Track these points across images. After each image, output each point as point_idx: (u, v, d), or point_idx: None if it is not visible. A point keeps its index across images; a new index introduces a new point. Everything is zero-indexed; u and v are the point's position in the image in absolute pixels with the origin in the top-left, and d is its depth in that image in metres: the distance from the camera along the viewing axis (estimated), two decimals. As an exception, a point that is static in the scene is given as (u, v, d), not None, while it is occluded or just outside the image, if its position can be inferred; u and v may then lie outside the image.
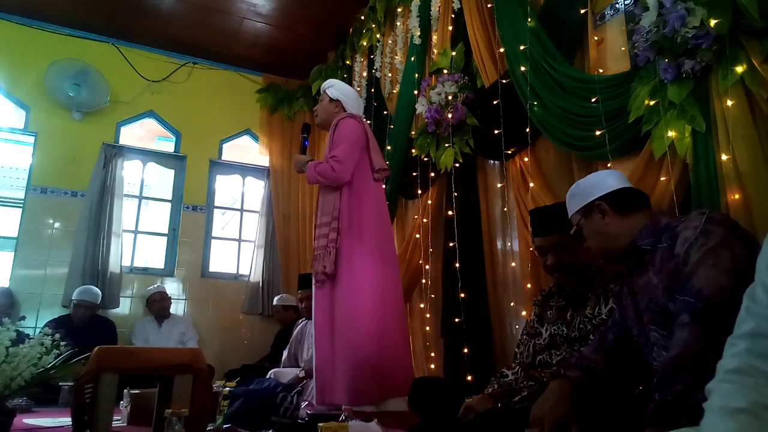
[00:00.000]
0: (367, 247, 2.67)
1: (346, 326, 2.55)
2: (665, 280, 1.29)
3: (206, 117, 5.43)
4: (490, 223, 3.03)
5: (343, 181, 2.68)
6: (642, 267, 1.40)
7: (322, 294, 2.67)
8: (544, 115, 2.46)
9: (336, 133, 2.75)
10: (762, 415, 0.75)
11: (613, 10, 2.38)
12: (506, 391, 1.84)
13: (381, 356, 2.53)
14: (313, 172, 2.71)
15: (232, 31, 5.04)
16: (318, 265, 2.65)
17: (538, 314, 1.93)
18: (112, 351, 2.11)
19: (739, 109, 1.71)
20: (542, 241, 1.83)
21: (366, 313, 2.56)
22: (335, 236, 2.63)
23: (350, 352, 2.50)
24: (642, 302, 1.39)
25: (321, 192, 2.80)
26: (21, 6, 4.70)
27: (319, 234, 2.70)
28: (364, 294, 2.59)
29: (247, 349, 5.07)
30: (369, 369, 2.46)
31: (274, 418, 2.57)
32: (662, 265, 1.31)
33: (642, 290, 1.40)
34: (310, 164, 2.74)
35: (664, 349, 1.30)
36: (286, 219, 5.46)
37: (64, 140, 4.82)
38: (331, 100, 2.93)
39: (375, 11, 4.39)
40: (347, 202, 2.69)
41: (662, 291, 1.30)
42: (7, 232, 4.89)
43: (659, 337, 1.32)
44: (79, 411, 1.91)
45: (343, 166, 2.66)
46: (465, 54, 3.22)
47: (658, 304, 1.32)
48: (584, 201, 1.50)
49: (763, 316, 0.81)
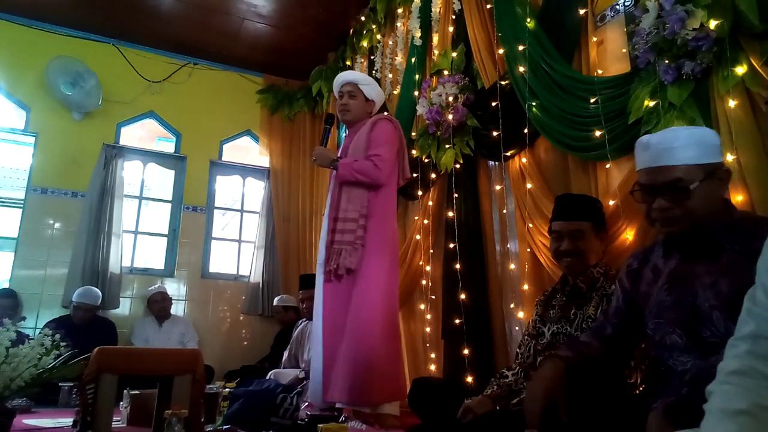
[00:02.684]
0: (388, 248, 2.69)
1: (363, 325, 2.51)
2: (724, 286, 1.20)
3: (206, 117, 5.44)
4: (490, 224, 3.03)
5: (381, 181, 2.68)
6: (697, 257, 1.29)
7: (335, 289, 2.61)
8: (543, 115, 2.46)
9: (375, 133, 2.73)
10: (762, 417, 0.75)
11: (613, 12, 2.38)
12: (505, 392, 1.85)
13: (390, 357, 2.53)
14: (350, 170, 2.63)
15: (233, 31, 5.04)
16: (340, 259, 2.57)
17: (540, 314, 1.93)
18: (112, 352, 2.11)
19: (741, 111, 1.71)
20: (562, 225, 1.86)
21: (383, 314, 2.57)
22: (362, 233, 2.61)
23: (363, 351, 2.46)
24: (673, 293, 1.31)
25: (344, 186, 2.70)
26: (21, 6, 4.70)
27: (343, 228, 2.62)
28: (381, 295, 2.60)
29: (246, 349, 5.07)
30: (377, 369, 2.44)
31: (273, 419, 2.58)
32: (727, 270, 1.22)
33: (680, 280, 1.31)
34: (346, 162, 2.67)
35: (683, 354, 1.26)
36: (286, 220, 5.46)
37: (65, 141, 4.82)
38: (367, 100, 2.91)
39: (375, 12, 4.39)
40: (374, 201, 2.68)
41: (712, 295, 1.22)
42: (7, 232, 4.90)
43: (681, 342, 1.27)
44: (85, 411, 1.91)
45: (385, 166, 2.67)
46: (465, 55, 3.22)
47: (694, 303, 1.25)
48: (712, 158, 1.27)
49: (764, 318, 0.81)
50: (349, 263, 2.56)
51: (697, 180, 1.24)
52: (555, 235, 1.89)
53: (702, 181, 1.24)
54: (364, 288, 2.56)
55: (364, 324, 2.51)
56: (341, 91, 2.89)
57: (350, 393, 2.41)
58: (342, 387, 2.43)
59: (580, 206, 1.87)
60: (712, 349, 1.19)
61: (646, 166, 1.31)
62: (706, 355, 1.20)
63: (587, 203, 1.91)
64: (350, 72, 3.06)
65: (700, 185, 1.24)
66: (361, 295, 2.55)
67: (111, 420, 1.98)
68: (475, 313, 2.85)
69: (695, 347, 1.25)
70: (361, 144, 2.73)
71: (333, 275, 2.61)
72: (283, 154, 5.61)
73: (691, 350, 1.25)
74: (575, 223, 1.83)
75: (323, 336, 2.59)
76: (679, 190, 1.25)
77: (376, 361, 2.45)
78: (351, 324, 2.52)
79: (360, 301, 2.55)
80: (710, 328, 1.22)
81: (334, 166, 2.69)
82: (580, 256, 1.81)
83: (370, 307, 2.54)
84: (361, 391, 2.41)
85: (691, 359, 1.25)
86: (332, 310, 2.60)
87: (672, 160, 1.25)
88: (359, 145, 2.73)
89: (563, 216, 1.87)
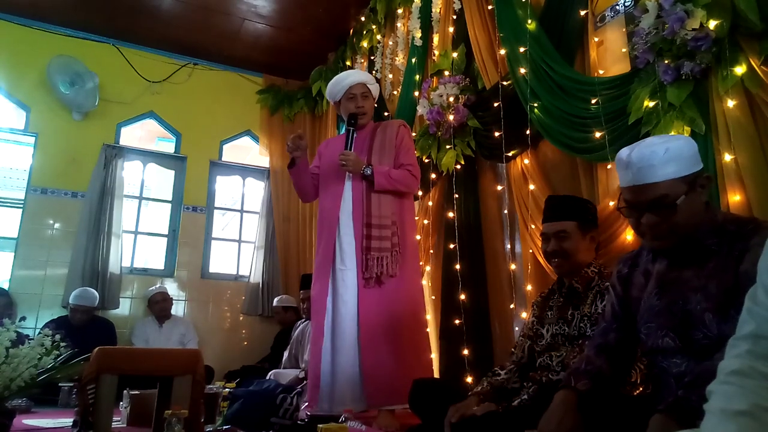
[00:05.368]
0: (416, 252, 2.81)
1: (408, 328, 2.59)
2: (713, 289, 1.22)
3: (206, 118, 5.44)
4: (491, 224, 3.03)
5: (416, 190, 2.75)
6: (685, 263, 1.31)
7: (374, 294, 2.59)
8: (545, 116, 2.46)
9: (403, 142, 2.75)
10: (762, 417, 0.75)
11: (613, 12, 2.38)
12: (495, 390, 1.85)
13: (428, 354, 2.69)
14: (388, 179, 2.62)
15: (233, 32, 5.04)
16: (384, 267, 2.57)
17: (537, 316, 1.93)
18: (111, 352, 2.11)
19: (739, 111, 1.71)
20: (548, 226, 1.88)
21: (422, 314, 2.70)
22: (397, 240, 2.63)
23: (410, 352, 2.56)
24: (664, 298, 1.32)
25: (373, 192, 2.64)
26: (22, 6, 4.70)
27: (380, 235, 2.60)
28: (420, 296, 2.73)
29: (246, 350, 5.07)
30: (426, 366, 2.59)
31: (273, 419, 2.57)
32: (715, 273, 1.23)
33: (670, 285, 1.32)
34: (382, 171, 2.63)
35: (676, 356, 1.28)
36: (286, 220, 5.46)
37: (65, 141, 4.82)
38: (374, 101, 2.91)
39: (375, 12, 4.39)
40: (401, 207, 2.71)
41: (703, 298, 1.23)
42: (7, 232, 4.89)
43: (673, 346, 1.28)
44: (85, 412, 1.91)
45: (419, 175, 2.75)
46: (466, 55, 3.22)
47: (685, 308, 1.26)
48: (692, 168, 1.27)
49: (764, 318, 0.81)
50: (392, 270, 2.58)
51: (681, 194, 1.25)
52: (543, 237, 1.92)
53: (687, 194, 1.25)
54: (405, 290, 2.63)
55: (413, 325, 2.61)
56: (353, 93, 2.77)
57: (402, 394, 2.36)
58: (400, 390, 2.35)
59: (564, 207, 1.88)
60: (705, 351, 1.21)
61: (628, 185, 1.31)
62: (700, 358, 1.22)
63: (571, 203, 1.92)
64: (357, 72, 2.99)
65: (686, 198, 1.25)
66: (403, 298, 2.61)
67: (111, 420, 1.97)
68: (475, 313, 2.85)
69: (688, 350, 1.26)
70: (387, 150, 2.72)
71: (375, 281, 2.59)
72: (283, 154, 5.60)
73: (684, 353, 1.27)
74: (559, 224, 1.85)
75: (361, 341, 2.55)
76: (665, 207, 1.26)
77: (425, 359, 2.60)
78: (398, 326, 2.55)
79: (403, 304, 2.61)
80: (702, 330, 1.23)
81: (367, 173, 2.62)
82: (566, 256, 1.82)
83: (413, 309, 2.63)
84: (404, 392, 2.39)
85: (684, 361, 1.26)
86: (372, 315, 2.57)
87: (654, 177, 1.26)
88: (387, 151, 2.71)
89: (549, 217, 1.90)
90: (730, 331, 1.00)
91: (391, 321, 2.55)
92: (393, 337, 2.53)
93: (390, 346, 2.52)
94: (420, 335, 2.67)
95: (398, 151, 2.72)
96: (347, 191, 2.71)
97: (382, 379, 2.48)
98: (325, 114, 5.33)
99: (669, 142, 1.27)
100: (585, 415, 1.32)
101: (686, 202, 1.25)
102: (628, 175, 1.30)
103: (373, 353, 2.52)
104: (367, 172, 2.62)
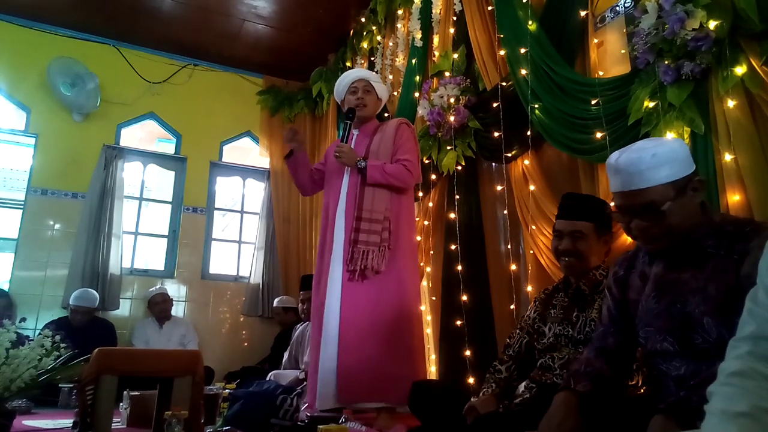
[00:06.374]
0: (411, 249, 2.76)
1: (391, 327, 2.52)
2: (713, 291, 1.21)
3: (207, 119, 5.44)
4: (491, 225, 3.03)
5: (412, 185, 2.72)
6: (683, 265, 1.30)
7: (358, 289, 2.55)
8: (545, 117, 2.46)
9: (403, 138, 2.74)
10: (763, 418, 0.75)
11: (613, 13, 2.38)
12: (502, 388, 1.86)
13: (418, 354, 2.62)
14: (382, 173, 2.61)
15: (233, 33, 5.05)
16: (368, 261, 2.53)
17: (540, 312, 1.92)
18: (111, 353, 2.11)
19: (740, 111, 1.71)
20: (564, 224, 1.83)
21: (413, 313, 2.63)
22: (387, 236, 2.60)
23: (390, 352, 2.48)
24: (662, 301, 1.32)
25: (367, 186, 2.65)
26: (22, 7, 4.70)
27: (369, 228, 2.58)
28: (409, 295, 2.65)
29: (247, 351, 5.07)
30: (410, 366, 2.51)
31: (273, 420, 2.58)
32: (714, 274, 1.23)
33: (667, 287, 1.32)
34: (375, 164, 2.62)
35: (675, 359, 1.27)
36: (286, 221, 5.46)
37: (65, 142, 4.82)
38: (378, 98, 2.90)
39: (376, 13, 4.39)
40: (397, 203, 2.69)
41: (702, 301, 1.22)
42: (8, 233, 4.89)
43: (672, 350, 1.28)
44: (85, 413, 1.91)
45: (415, 171, 2.71)
46: (466, 56, 3.22)
47: (683, 310, 1.25)
48: (683, 172, 1.26)
49: (765, 319, 0.81)
50: (377, 265, 2.54)
51: (668, 200, 1.24)
52: (556, 234, 1.87)
53: (675, 200, 1.24)
54: (394, 289, 2.57)
55: (398, 325, 2.53)
56: (355, 86, 2.81)
57: (395, 392, 2.38)
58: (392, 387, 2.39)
59: (583, 207, 1.84)
60: (704, 354, 1.21)
61: (618, 190, 1.31)
62: (699, 361, 1.22)
63: (591, 204, 1.87)
64: (361, 69, 3.05)
65: (673, 204, 1.24)
66: (390, 297, 2.56)
67: (111, 421, 1.97)
68: (477, 314, 2.84)
69: (687, 353, 1.25)
70: (387, 146, 2.71)
71: (358, 275, 2.55)
72: (283, 155, 5.59)
73: (683, 356, 1.26)
74: (576, 223, 1.81)
75: (340, 336, 2.50)
76: (652, 212, 1.26)
77: (410, 360, 2.51)
78: (380, 324, 2.50)
79: (390, 302, 2.55)
80: (701, 334, 1.22)
81: (361, 166, 2.63)
82: (579, 257, 1.79)
83: (400, 308, 2.57)
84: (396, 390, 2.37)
85: (684, 364, 1.26)
86: (353, 310, 2.53)
87: (643, 182, 1.25)
88: (384, 148, 2.71)
89: (565, 215, 1.85)
90: (729, 335, 1.00)
91: (372, 318, 2.50)
92: (371, 334, 2.48)
93: (367, 344, 2.46)
94: (406, 336, 2.56)
95: (397, 147, 2.72)
96: (344, 186, 2.72)
97: (355, 377, 2.43)
98: (325, 115, 5.33)
99: (657, 147, 1.26)
100: (585, 417, 1.32)
101: (675, 206, 1.24)
102: (617, 180, 1.30)
103: (349, 349, 2.47)
104: (361, 165, 2.63)
